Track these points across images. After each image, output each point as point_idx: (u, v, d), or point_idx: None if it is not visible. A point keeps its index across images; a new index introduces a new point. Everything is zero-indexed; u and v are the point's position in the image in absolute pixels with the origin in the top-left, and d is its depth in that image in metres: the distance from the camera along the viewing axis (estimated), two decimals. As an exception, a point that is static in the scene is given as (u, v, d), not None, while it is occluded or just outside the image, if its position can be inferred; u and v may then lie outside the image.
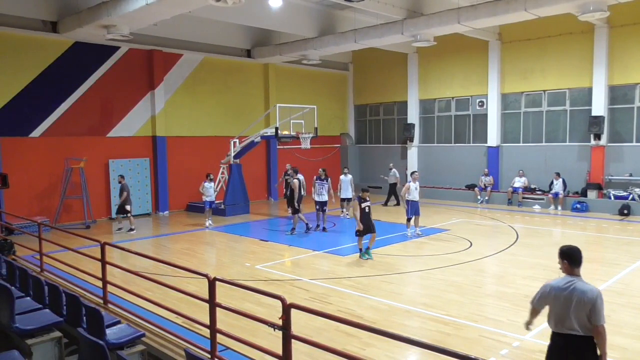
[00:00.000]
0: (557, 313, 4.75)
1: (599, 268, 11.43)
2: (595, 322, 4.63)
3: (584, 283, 4.74)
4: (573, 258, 4.80)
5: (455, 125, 24.23)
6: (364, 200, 12.28)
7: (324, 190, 16.36)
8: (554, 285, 4.81)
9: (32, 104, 17.14)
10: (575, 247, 4.84)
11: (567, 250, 4.85)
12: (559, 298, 4.72)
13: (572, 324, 4.66)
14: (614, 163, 19.43)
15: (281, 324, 5.04)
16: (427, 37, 18.21)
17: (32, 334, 5.77)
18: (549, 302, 4.83)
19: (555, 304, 4.76)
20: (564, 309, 4.69)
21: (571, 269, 4.80)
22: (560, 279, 4.82)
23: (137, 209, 19.63)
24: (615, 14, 17.54)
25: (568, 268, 4.82)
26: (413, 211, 14.97)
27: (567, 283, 4.73)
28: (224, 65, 22.47)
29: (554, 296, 4.77)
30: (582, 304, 4.61)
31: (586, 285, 4.70)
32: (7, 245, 11.86)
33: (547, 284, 4.86)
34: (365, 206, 12.23)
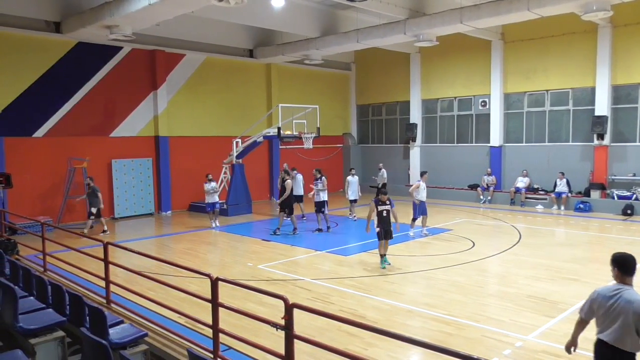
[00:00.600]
0: (603, 322, 4.50)
1: (602, 268, 11.38)
2: None
3: (633, 292, 4.43)
4: (626, 266, 4.53)
5: (458, 125, 24.20)
6: (383, 204, 11.45)
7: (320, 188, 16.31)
8: (601, 291, 4.56)
9: (35, 104, 17.18)
10: (629, 255, 4.58)
11: (619, 257, 4.59)
12: (604, 306, 4.48)
13: (619, 336, 4.36)
14: (617, 163, 19.38)
15: (283, 324, 5.04)
16: (429, 37, 18.20)
17: (36, 334, 5.78)
18: (595, 309, 4.57)
19: (600, 312, 4.52)
20: (609, 318, 4.44)
21: (622, 277, 4.53)
22: (609, 286, 4.57)
23: (139, 208, 19.71)
24: (619, 14, 17.49)
25: (619, 276, 4.55)
26: (420, 211, 14.99)
27: (614, 290, 4.47)
28: (227, 65, 22.49)
29: (599, 303, 4.53)
30: (628, 314, 4.31)
31: (635, 295, 4.38)
32: (10, 245, 11.91)
33: (595, 290, 4.61)
34: (383, 210, 11.42)
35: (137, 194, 19.68)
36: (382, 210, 11.43)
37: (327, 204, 16.60)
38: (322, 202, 16.28)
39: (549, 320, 7.97)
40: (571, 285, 9.89)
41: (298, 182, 17.70)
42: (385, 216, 11.42)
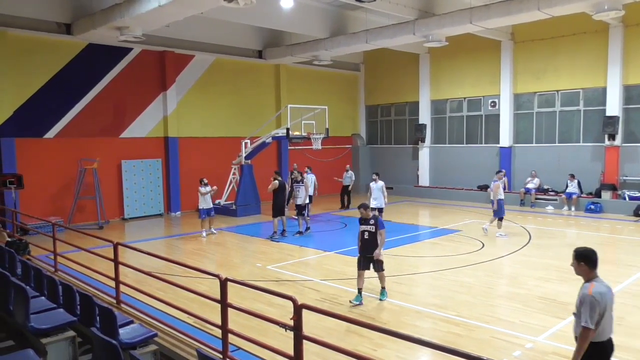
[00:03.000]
0: (609, 317, 4.52)
1: (614, 269, 11.30)
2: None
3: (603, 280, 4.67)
4: (594, 260, 4.64)
5: (467, 125, 24.11)
6: (364, 222, 9.11)
7: (300, 192, 15.95)
8: (602, 291, 4.50)
9: (46, 105, 17.32)
10: (591, 249, 4.69)
11: (587, 252, 4.68)
12: (610, 300, 4.54)
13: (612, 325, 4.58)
14: (628, 163, 19.22)
15: (292, 325, 5.05)
16: (439, 37, 18.14)
17: (47, 333, 5.83)
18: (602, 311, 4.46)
19: (609, 309, 4.52)
20: (611, 312, 4.54)
21: (591, 271, 4.64)
22: (599, 284, 4.57)
23: (149, 209, 19.81)
24: (630, 13, 17.33)
25: (588, 271, 4.64)
26: (503, 210, 14.90)
27: (607, 286, 4.56)
28: (236, 66, 22.55)
29: (607, 301, 4.50)
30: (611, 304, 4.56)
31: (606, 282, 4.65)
32: (22, 246, 12.01)
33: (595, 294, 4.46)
34: (363, 230, 9.07)
35: (147, 194, 19.78)
36: (363, 230, 9.09)
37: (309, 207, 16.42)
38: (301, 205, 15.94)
39: (560, 322, 7.92)
40: (582, 287, 9.81)
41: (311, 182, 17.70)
42: (366, 239, 9.03)
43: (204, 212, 15.56)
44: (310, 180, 17.69)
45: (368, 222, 9.03)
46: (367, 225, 9.01)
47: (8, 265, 8.57)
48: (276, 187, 15.31)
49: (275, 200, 15.31)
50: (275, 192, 15.35)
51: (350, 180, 21.16)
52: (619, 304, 8.70)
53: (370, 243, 8.95)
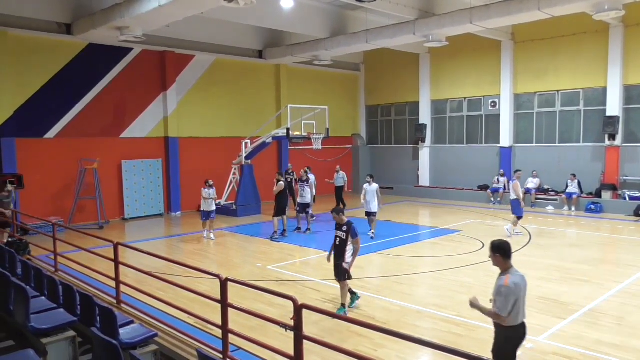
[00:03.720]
0: (522, 305, 4.95)
1: (614, 269, 11.32)
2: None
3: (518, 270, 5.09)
4: (509, 251, 5.03)
5: (468, 125, 24.10)
6: (338, 227, 8.63)
7: (304, 192, 16.18)
8: (517, 282, 4.91)
9: (46, 105, 17.33)
10: (506, 241, 5.11)
11: (502, 244, 5.06)
12: (524, 289, 4.99)
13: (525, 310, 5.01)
14: (629, 163, 19.21)
15: (292, 325, 5.05)
16: (439, 37, 18.14)
17: (47, 333, 5.83)
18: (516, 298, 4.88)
19: (522, 297, 4.95)
20: (524, 298, 4.99)
21: (506, 262, 5.02)
22: (514, 275, 4.96)
23: (149, 209, 19.81)
24: (631, 13, 17.32)
25: (503, 261, 5.02)
26: (522, 209, 14.84)
27: (520, 275, 4.99)
28: (236, 66, 22.55)
29: (521, 290, 4.93)
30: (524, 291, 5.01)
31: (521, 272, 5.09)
32: (22, 246, 12.02)
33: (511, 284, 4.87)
34: (336, 236, 8.61)
35: (147, 194, 19.78)
36: (336, 236, 8.66)
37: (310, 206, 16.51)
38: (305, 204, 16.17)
39: (560, 322, 7.93)
40: (582, 287, 9.82)
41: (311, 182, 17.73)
42: (337, 245, 8.58)
43: (203, 214, 15.29)
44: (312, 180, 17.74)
45: (341, 228, 8.54)
46: (340, 231, 8.55)
47: (8, 265, 8.57)
48: (282, 188, 15.35)
49: (278, 201, 15.33)
50: (279, 192, 15.37)
51: (342, 181, 20.96)
52: (619, 304, 8.75)
53: (340, 250, 8.50)
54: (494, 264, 5.10)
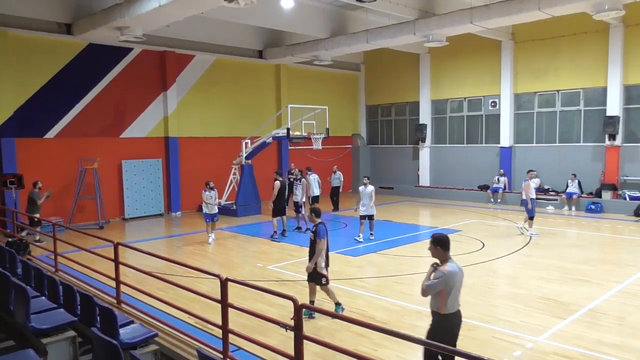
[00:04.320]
0: (456, 294, 5.30)
1: (614, 269, 11.32)
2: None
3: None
4: (447, 244, 5.44)
5: (468, 125, 24.10)
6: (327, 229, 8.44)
7: (297, 190, 16.30)
8: (453, 271, 5.29)
9: (46, 105, 17.33)
10: (446, 235, 5.51)
11: (442, 237, 5.47)
12: (460, 279, 5.35)
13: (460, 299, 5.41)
14: (629, 163, 19.21)
15: (293, 325, 5.05)
16: (439, 37, 18.13)
17: (47, 333, 5.83)
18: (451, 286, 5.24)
19: (458, 287, 5.31)
20: (460, 288, 5.37)
21: (445, 253, 5.41)
22: (451, 264, 5.34)
23: (149, 209, 19.81)
24: (631, 13, 17.32)
25: (442, 253, 5.41)
26: (535, 209, 14.87)
27: (457, 266, 5.39)
28: (236, 66, 22.56)
29: (457, 279, 5.30)
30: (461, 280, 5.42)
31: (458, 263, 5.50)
32: (22, 245, 12.02)
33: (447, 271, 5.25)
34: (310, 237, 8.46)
35: (147, 194, 19.78)
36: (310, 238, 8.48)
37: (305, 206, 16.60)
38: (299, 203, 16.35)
39: (560, 322, 7.92)
40: (582, 287, 9.82)
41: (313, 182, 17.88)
42: (310, 246, 8.43)
43: (207, 216, 14.77)
44: (314, 180, 17.83)
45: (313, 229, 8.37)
46: (312, 233, 8.35)
47: (8, 265, 8.58)
48: (277, 188, 15.31)
49: (275, 201, 15.30)
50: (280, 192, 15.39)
51: (339, 181, 20.95)
52: (619, 304, 8.75)
53: (311, 251, 8.31)
54: (433, 255, 5.48)
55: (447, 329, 5.30)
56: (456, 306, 5.33)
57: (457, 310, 5.35)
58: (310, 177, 18.19)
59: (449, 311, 5.27)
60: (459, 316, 5.39)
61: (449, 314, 5.28)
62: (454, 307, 5.31)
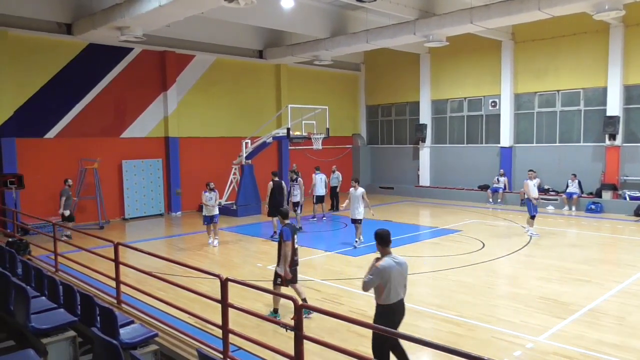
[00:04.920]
0: (394, 286, 5.72)
1: (614, 269, 11.32)
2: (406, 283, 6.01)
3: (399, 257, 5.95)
4: (387, 239, 5.89)
5: (468, 125, 24.10)
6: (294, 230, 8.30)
7: (295, 190, 16.34)
8: (387, 265, 5.70)
9: (46, 105, 17.33)
10: (386, 230, 5.95)
11: (382, 233, 5.92)
12: (396, 273, 5.73)
13: (401, 290, 5.85)
14: (629, 163, 19.21)
15: (293, 325, 5.05)
16: (439, 37, 18.13)
17: (47, 333, 5.83)
18: (386, 280, 5.65)
19: (394, 279, 5.69)
20: (400, 280, 5.80)
21: (385, 248, 5.88)
22: (388, 259, 5.78)
23: (149, 209, 19.81)
24: (631, 13, 17.31)
25: (383, 248, 5.88)
26: (535, 209, 14.90)
27: (394, 260, 5.81)
28: (236, 66, 22.56)
29: (393, 273, 5.69)
30: (405, 272, 5.90)
31: (401, 258, 5.95)
32: (22, 245, 12.02)
33: (380, 266, 5.68)
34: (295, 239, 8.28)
35: (147, 194, 19.78)
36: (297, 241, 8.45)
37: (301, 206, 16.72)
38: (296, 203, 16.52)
39: (560, 322, 7.92)
40: (582, 287, 9.82)
41: (320, 181, 17.94)
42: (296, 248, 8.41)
43: (205, 219, 14.52)
44: (320, 179, 17.89)
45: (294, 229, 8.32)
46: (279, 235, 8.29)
47: (9, 265, 8.57)
48: (271, 187, 15.25)
49: (270, 201, 15.24)
50: (272, 192, 15.33)
51: (337, 181, 20.92)
52: (619, 304, 8.74)
53: (278, 254, 8.26)
54: (377, 249, 5.96)
55: (387, 317, 5.72)
56: (396, 297, 5.76)
57: (397, 301, 5.79)
58: (317, 176, 18.22)
59: (387, 302, 5.73)
60: (401, 306, 5.86)
61: (388, 304, 5.74)
62: (393, 299, 5.74)
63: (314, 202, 18.47)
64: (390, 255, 5.85)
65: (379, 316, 5.82)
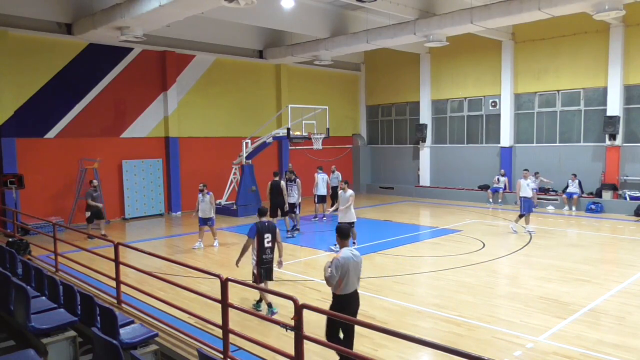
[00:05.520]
0: (351, 277, 6.03)
1: (614, 269, 11.32)
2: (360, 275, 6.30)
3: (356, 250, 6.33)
4: (345, 233, 6.31)
5: (468, 125, 24.10)
6: (265, 228, 8.42)
7: (293, 191, 16.21)
8: (345, 256, 6.02)
9: (47, 105, 17.33)
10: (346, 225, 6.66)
11: (342, 228, 6.38)
12: (354, 265, 6.06)
13: (356, 281, 6.19)
14: (629, 163, 19.21)
15: (293, 325, 5.05)
16: (439, 37, 18.14)
17: (48, 333, 5.83)
18: (344, 271, 5.96)
19: (351, 271, 6.01)
20: (356, 272, 6.12)
21: (343, 242, 6.27)
22: (345, 251, 6.11)
23: (150, 209, 19.81)
24: (631, 13, 17.34)
25: (341, 241, 6.27)
26: (526, 208, 15.17)
27: (352, 253, 6.14)
28: (236, 66, 22.56)
29: (350, 265, 6.01)
30: (360, 265, 6.22)
31: (356, 251, 6.29)
32: (22, 245, 12.01)
33: (340, 258, 5.98)
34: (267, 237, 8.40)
35: (148, 194, 19.78)
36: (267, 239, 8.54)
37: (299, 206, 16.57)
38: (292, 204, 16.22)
39: (560, 322, 7.92)
40: (583, 287, 9.81)
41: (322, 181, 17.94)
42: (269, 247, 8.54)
43: (200, 221, 14.18)
44: (322, 179, 17.90)
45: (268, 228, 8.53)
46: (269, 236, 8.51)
47: (9, 265, 8.58)
48: (268, 189, 15.50)
49: (269, 200, 15.39)
50: (270, 192, 15.45)
51: (337, 181, 20.84)
52: (619, 304, 8.74)
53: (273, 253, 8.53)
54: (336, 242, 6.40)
55: (343, 307, 5.94)
56: (352, 288, 6.09)
57: (352, 292, 6.12)
58: (319, 176, 18.23)
59: (344, 292, 6.05)
60: (356, 296, 6.20)
61: (344, 294, 6.05)
62: (350, 289, 6.08)
63: (315, 201, 18.50)
64: (347, 247, 6.22)
65: (335, 306, 6.07)
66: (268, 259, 8.41)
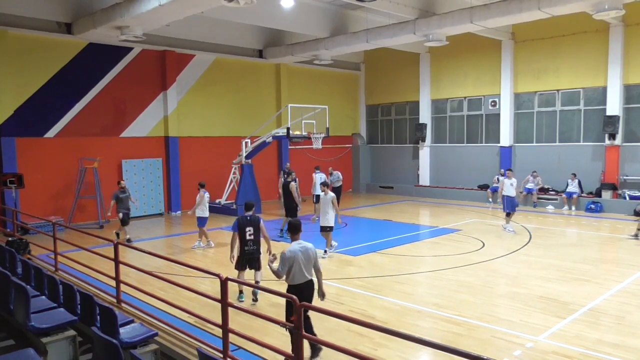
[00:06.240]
0: (300, 268, 6.45)
1: (614, 269, 11.32)
2: (317, 266, 6.72)
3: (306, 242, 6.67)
4: (297, 229, 6.72)
5: (468, 125, 24.09)
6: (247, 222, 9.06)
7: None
8: (293, 250, 6.46)
9: (47, 104, 17.33)
10: (298, 220, 6.90)
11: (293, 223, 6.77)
12: (302, 256, 6.46)
13: (309, 272, 6.58)
14: (629, 163, 19.21)
15: (293, 324, 5.05)
16: (439, 36, 18.14)
17: (47, 333, 5.83)
18: (291, 263, 6.39)
19: (298, 263, 6.42)
20: (306, 263, 6.51)
21: (295, 236, 6.69)
22: (294, 245, 6.55)
23: (149, 208, 19.81)
24: (631, 12, 17.32)
25: (292, 236, 6.71)
26: (509, 206, 15.43)
27: (300, 245, 6.56)
28: (236, 65, 22.55)
29: (298, 257, 6.42)
30: (312, 255, 6.60)
31: (308, 243, 6.67)
32: (22, 245, 12.01)
33: (287, 252, 6.42)
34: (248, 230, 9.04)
35: (147, 194, 19.78)
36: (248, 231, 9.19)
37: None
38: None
39: (560, 321, 7.92)
40: (582, 286, 9.82)
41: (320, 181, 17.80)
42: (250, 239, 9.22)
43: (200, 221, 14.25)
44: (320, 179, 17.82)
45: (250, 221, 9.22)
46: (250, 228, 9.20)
47: (8, 264, 8.57)
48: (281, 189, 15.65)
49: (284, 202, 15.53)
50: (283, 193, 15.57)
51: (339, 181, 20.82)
52: (619, 304, 8.75)
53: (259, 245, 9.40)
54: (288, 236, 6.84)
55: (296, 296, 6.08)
56: (302, 278, 6.49)
57: (305, 281, 6.52)
58: (317, 175, 18.19)
59: (293, 283, 6.47)
60: (307, 286, 6.55)
61: (294, 284, 6.46)
62: (299, 280, 6.48)
63: (314, 201, 18.47)
64: (297, 241, 6.63)
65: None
66: (250, 250, 9.18)
